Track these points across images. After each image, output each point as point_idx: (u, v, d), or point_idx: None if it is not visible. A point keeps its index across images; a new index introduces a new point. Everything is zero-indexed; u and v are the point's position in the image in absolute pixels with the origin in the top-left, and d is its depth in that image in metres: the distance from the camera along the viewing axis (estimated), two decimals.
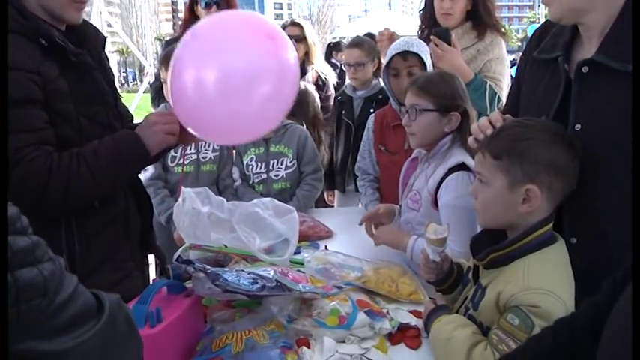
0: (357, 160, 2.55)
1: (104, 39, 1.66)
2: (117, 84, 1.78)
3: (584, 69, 1.20)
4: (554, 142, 1.19)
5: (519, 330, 1.09)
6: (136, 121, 1.79)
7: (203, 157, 2.53)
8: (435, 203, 1.69)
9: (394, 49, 2.21)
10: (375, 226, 1.89)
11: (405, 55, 2.20)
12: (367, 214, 1.96)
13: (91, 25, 1.67)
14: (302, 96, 2.72)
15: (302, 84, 2.95)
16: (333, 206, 3.12)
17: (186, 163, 2.49)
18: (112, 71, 1.70)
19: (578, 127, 1.21)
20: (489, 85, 2.28)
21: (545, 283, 1.12)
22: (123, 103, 1.73)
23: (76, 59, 1.44)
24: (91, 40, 1.58)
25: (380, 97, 2.76)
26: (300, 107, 2.68)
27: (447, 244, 1.35)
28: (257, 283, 1.31)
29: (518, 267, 1.17)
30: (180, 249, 1.58)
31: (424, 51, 2.20)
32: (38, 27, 1.38)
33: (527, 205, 1.19)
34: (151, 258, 1.94)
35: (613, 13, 1.17)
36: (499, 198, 1.22)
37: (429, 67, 2.19)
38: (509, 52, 1.45)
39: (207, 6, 2.96)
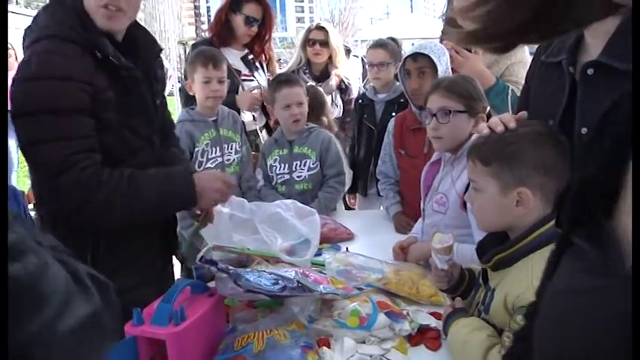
0: (378, 163, 2.57)
1: (160, 50, 1.71)
2: None
3: (590, 71, 1.18)
4: (541, 142, 1.19)
5: None
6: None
7: (227, 160, 2.56)
8: (464, 205, 1.69)
9: (407, 52, 2.29)
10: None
11: (415, 56, 2.26)
12: (397, 246, 1.92)
13: (150, 35, 1.72)
14: (313, 97, 2.76)
15: (311, 84, 2.99)
16: (354, 209, 3.13)
17: (212, 166, 2.53)
18: (163, 81, 1.74)
19: (584, 130, 1.19)
20: (511, 90, 2.27)
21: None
22: (171, 120, 1.82)
23: (126, 73, 1.49)
24: (146, 50, 1.63)
25: (401, 100, 2.76)
26: (314, 109, 2.72)
27: (454, 251, 1.36)
28: (278, 283, 1.33)
29: (523, 267, 1.17)
30: (204, 250, 1.61)
31: (437, 53, 2.21)
32: (95, 40, 1.43)
33: (522, 207, 1.18)
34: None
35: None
36: (493, 203, 1.22)
37: (442, 70, 2.19)
38: (533, 54, 1.43)
39: (248, 22, 2.96)
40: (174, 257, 1.98)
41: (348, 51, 5.89)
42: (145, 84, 1.57)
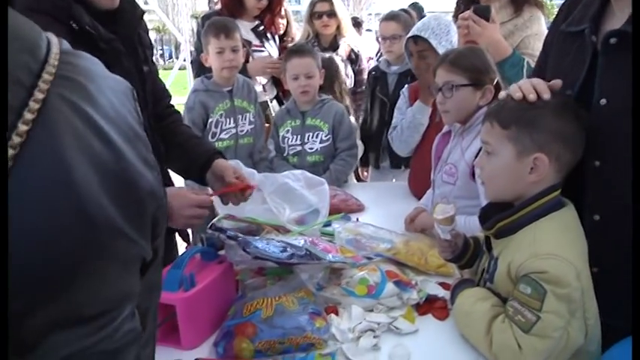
0: (390, 130, 2.52)
1: (142, 13, 1.58)
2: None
3: (612, 40, 1.14)
4: (563, 112, 1.16)
5: (532, 299, 1.08)
6: (173, 99, 1.79)
7: (241, 131, 2.56)
8: (473, 175, 1.68)
9: (410, 32, 2.28)
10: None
11: (415, 39, 2.26)
12: (408, 217, 1.92)
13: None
14: (328, 67, 2.73)
15: (327, 55, 2.96)
16: (366, 182, 3.12)
17: (225, 136, 2.53)
18: (149, 47, 1.63)
19: (603, 101, 1.16)
20: (527, 62, 2.23)
21: (552, 248, 1.10)
22: (160, 81, 1.72)
23: (107, 46, 1.38)
24: (126, 16, 1.49)
25: None
26: (328, 78, 2.70)
27: (456, 221, 1.35)
28: (287, 251, 1.33)
29: (526, 235, 1.16)
30: (215, 219, 1.62)
31: (439, 33, 2.21)
32: (69, 9, 1.31)
33: (535, 174, 1.17)
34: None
35: None
36: (507, 168, 1.20)
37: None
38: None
39: None
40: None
41: (357, 23, 5.84)
42: (127, 56, 1.46)
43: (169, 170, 1.73)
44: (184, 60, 4.92)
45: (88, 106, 0.44)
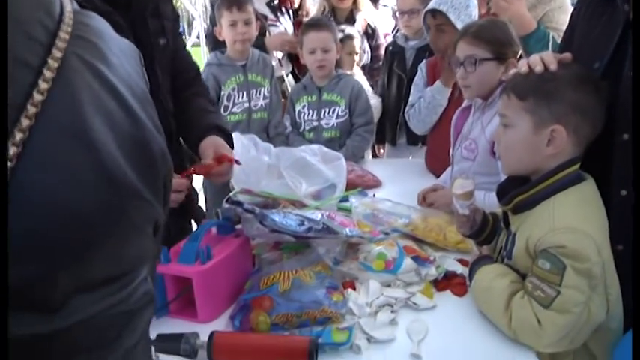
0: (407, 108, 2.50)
1: None
2: None
3: None
4: (582, 84, 1.14)
5: (552, 274, 1.08)
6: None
7: (254, 105, 2.55)
8: (494, 152, 1.66)
9: (428, 5, 2.24)
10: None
11: (433, 12, 2.21)
12: (422, 193, 1.88)
13: None
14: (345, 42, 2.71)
15: (347, 29, 2.92)
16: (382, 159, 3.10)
17: (237, 110, 2.52)
18: (170, 19, 1.56)
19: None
20: (552, 37, 2.18)
21: (570, 222, 1.09)
22: (187, 54, 1.67)
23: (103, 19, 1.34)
24: None
25: None
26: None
27: (475, 197, 1.34)
28: (304, 225, 1.33)
29: (544, 209, 1.15)
30: (231, 193, 1.62)
31: (457, 9, 2.17)
32: None
33: (552, 146, 1.15)
34: None
35: None
36: (524, 140, 1.18)
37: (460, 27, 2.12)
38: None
39: None
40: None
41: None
42: (132, 29, 1.37)
43: None
44: (197, 37, 4.86)
45: (102, 65, 0.44)
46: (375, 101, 2.88)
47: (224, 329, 1.21)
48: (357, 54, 2.95)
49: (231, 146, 1.54)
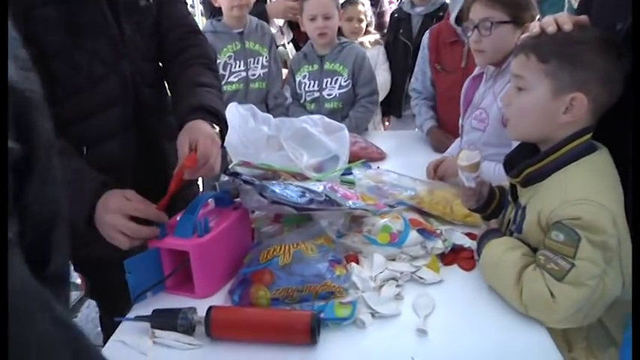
0: (411, 81, 2.48)
1: None
2: None
3: None
4: (605, 49, 1.09)
5: (566, 245, 1.05)
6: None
7: (252, 75, 2.51)
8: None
9: None
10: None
11: None
12: (432, 165, 1.85)
13: None
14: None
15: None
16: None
17: (234, 80, 2.47)
18: None
19: None
20: (567, 1, 2.13)
21: (584, 193, 1.06)
22: (176, 11, 1.51)
23: None
24: None
25: (440, 14, 2.64)
26: None
27: (482, 169, 1.30)
28: (305, 196, 1.30)
29: (556, 181, 1.11)
30: (230, 165, 1.59)
31: None
32: None
33: (570, 115, 1.10)
34: None
35: None
36: (539, 105, 1.14)
37: None
38: None
39: None
40: None
41: None
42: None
43: None
44: (191, 5, 4.77)
45: None
46: (387, 75, 2.84)
47: (222, 305, 1.19)
48: (361, 21, 2.89)
49: (223, 126, 1.40)
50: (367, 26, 2.98)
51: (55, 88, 1.29)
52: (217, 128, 1.34)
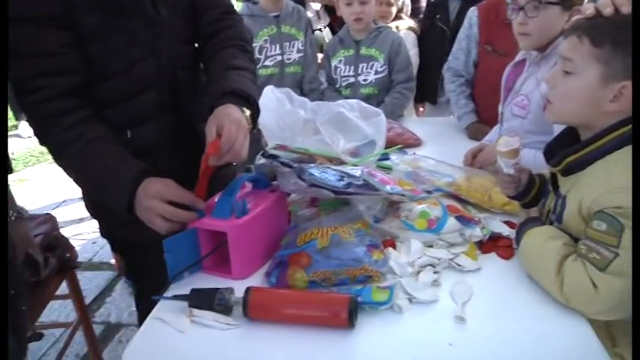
0: (448, 59, 2.40)
1: None
2: None
3: None
4: None
5: (609, 235, 1.03)
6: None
7: (288, 59, 2.52)
8: None
9: None
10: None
11: None
12: (470, 152, 1.85)
13: None
14: None
15: None
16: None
17: (270, 64, 2.49)
18: None
19: None
20: None
21: (627, 182, 1.03)
22: (217, 14, 1.52)
23: None
24: None
25: None
26: None
27: (521, 155, 1.29)
28: (343, 180, 1.31)
29: (598, 169, 1.10)
30: (267, 147, 1.60)
31: None
32: None
33: (617, 103, 1.08)
34: None
35: None
36: (586, 91, 1.11)
37: None
38: None
39: None
40: None
41: None
42: None
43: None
44: None
45: None
46: (415, 59, 2.81)
47: (259, 286, 1.21)
48: (390, 5, 2.87)
49: (255, 110, 1.39)
50: (399, 12, 2.96)
51: (92, 71, 1.31)
52: (247, 112, 1.34)
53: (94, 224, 1.60)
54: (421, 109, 3.11)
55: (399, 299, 1.12)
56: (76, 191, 1.47)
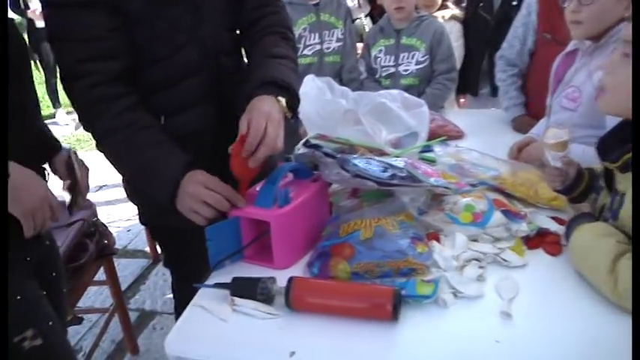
0: (502, 47, 2.30)
1: None
2: None
3: None
4: None
5: None
6: None
7: (327, 48, 2.52)
8: None
9: None
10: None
11: None
12: (516, 145, 1.81)
13: None
14: None
15: None
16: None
17: (309, 53, 2.48)
18: None
19: None
20: None
21: None
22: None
23: None
24: None
25: None
26: None
27: (569, 148, 1.25)
28: (387, 171, 1.30)
29: None
30: (307, 137, 1.60)
31: None
32: None
33: None
34: None
35: None
36: None
37: None
38: None
39: None
40: None
41: None
42: None
43: None
44: None
45: None
46: (461, 51, 2.78)
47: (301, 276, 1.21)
48: None
49: (294, 100, 1.39)
50: (444, 0, 2.92)
51: (138, 57, 1.33)
52: (283, 101, 1.33)
53: (129, 211, 1.64)
54: (462, 100, 3.07)
55: (443, 293, 1.11)
56: (114, 177, 1.49)
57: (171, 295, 1.92)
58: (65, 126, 6.48)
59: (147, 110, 1.34)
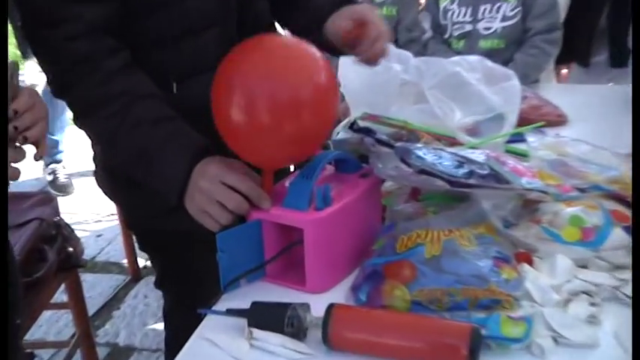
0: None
1: None
2: None
3: None
4: None
5: None
6: None
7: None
8: None
9: None
10: None
11: None
12: None
13: None
14: None
15: None
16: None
17: None
18: None
19: None
20: None
21: None
22: None
23: None
24: None
25: None
26: None
27: None
28: (463, 167, 1.32)
29: None
30: (352, 117, 1.63)
31: None
32: None
33: None
34: None
35: None
36: None
37: None
38: None
39: None
40: None
41: None
42: None
43: None
44: None
45: None
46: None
47: (344, 303, 1.22)
48: None
49: None
50: None
51: (134, 2, 1.36)
52: None
53: (100, 209, 1.66)
54: (564, 71, 3.06)
55: (539, 337, 1.12)
56: (79, 159, 1.50)
57: (153, 326, 1.94)
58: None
59: (144, 74, 1.37)
